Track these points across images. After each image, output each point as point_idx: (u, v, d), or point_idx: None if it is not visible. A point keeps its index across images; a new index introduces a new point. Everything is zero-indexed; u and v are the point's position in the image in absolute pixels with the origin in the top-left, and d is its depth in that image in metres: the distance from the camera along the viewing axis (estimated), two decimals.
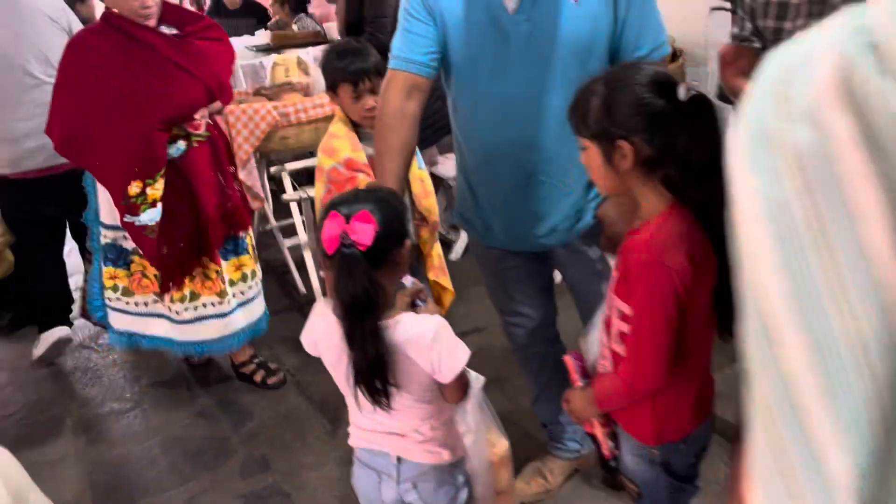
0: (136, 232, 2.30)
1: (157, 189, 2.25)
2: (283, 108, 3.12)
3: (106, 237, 2.47)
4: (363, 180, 1.95)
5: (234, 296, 2.52)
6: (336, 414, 2.50)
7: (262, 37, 4.44)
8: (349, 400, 1.42)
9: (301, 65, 3.90)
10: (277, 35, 4.23)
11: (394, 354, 1.27)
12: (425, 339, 1.28)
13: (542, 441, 2.10)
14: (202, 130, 2.37)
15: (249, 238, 2.59)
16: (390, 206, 1.29)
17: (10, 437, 2.54)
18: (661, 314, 1.11)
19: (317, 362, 2.75)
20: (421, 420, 1.38)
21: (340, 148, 2.00)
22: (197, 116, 2.34)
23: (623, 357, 1.21)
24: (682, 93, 1.10)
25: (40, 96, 2.66)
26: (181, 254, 2.38)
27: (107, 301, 2.54)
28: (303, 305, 3.36)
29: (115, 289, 2.51)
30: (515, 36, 1.48)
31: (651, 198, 1.17)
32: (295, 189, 3.20)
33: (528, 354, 1.93)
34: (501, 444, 1.51)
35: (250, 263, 2.57)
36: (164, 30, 2.30)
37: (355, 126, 2.05)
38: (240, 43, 4.32)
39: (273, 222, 3.44)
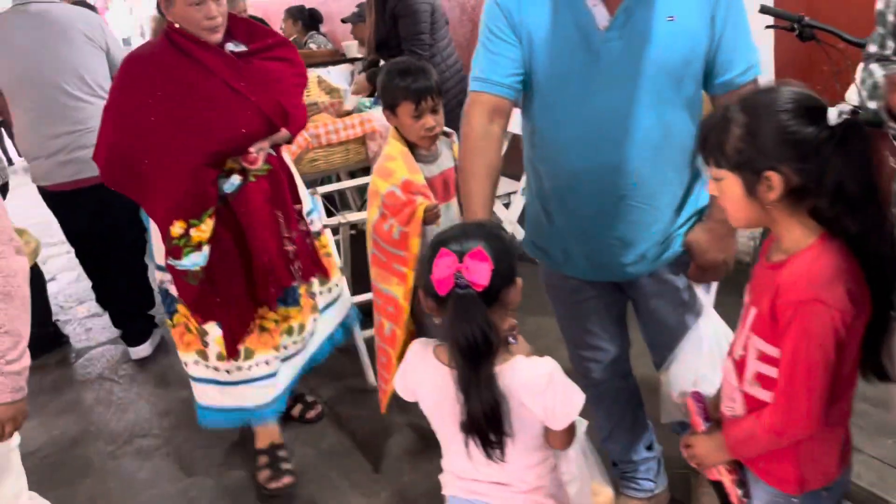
0: (177, 276, 2.00)
1: (203, 231, 1.93)
2: (314, 129, 3.03)
3: (156, 279, 2.19)
4: (422, 203, 1.86)
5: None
6: (381, 450, 2.39)
7: None
8: (449, 446, 1.31)
9: (322, 84, 3.82)
10: None
11: (508, 401, 1.17)
12: (540, 384, 1.19)
13: (612, 480, 1.99)
14: (260, 164, 2.03)
15: (304, 288, 2.21)
16: (502, 242, 1.20)
17: (36, 478, 2.37)
18: (819, 357, 1.02)
19: (354, 395, 2.70)
20: (527, 468, 1.28)
21: (396, 170, 1.91)
22: (252, 150, 1.99)
23: (762, 401, 1.12)
24: (833, 117, 1.02)
25: (75, 114, 2.82)
26: (239, 305, 2.06)
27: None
28: None
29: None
30: (606, 54, 1.41)
31: (796, 230, 1.08)
32: (332, 214, 3.10)
33: (602, 390, 1.83)
34: (605, 494, 1.42)
35: (299, 317, 2.19)
36: (232, 47, 2.01)
37: (411, 147, 1.97)
38: None
39: None
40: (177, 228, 1.92)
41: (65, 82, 2.79)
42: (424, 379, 1.28)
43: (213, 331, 2.07)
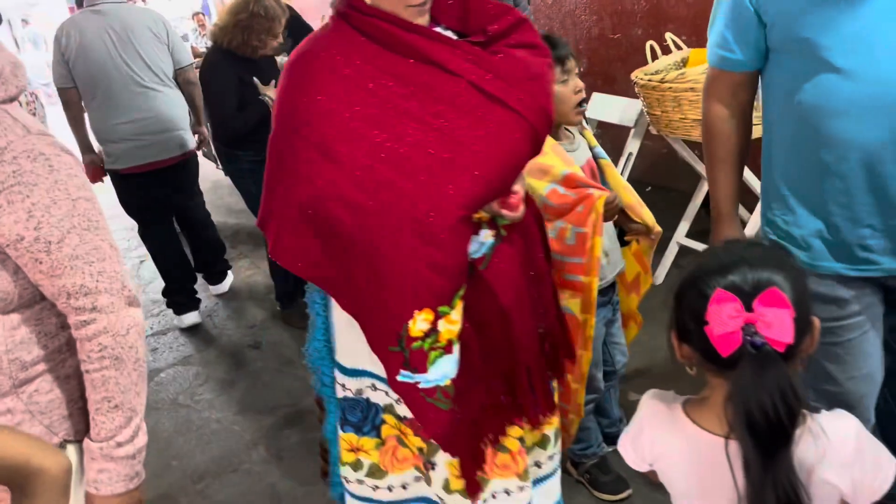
0: (417, 398, 1.28)
1: (453, 322, 1.24)
2: None
3: (346, 388, 1.50)
4: (600, 196, 1.58)
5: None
6: None
7: None
8: None
9: None
10: None
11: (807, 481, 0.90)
12: (846, 452, 0.92)
13: None
14: (522, 210, 1.34)
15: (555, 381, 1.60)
16: (795, 271, 0.91)
17: None
18: None
19: None
20: None
21: (552, 164, 1.63)
22: (517, 187, 1.32)
23: None
24: None
25: (144, 102, 3.12)
26: (488, 421, 1.41)
27: (343, 480, 1.60)
28: None
29: (356, 466, 1.54)
30: None
31: None
32: None
33: None
34: None
35: (554, 420, 1.57)
36: (441, 31, 1.31)
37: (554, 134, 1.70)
38: None
39: None
40: (420, 323, 1.22)
41: (135, 72, 3.07)
42: (673, 448, 1.01)
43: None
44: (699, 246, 3.03)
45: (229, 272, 3.85)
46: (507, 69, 1.26)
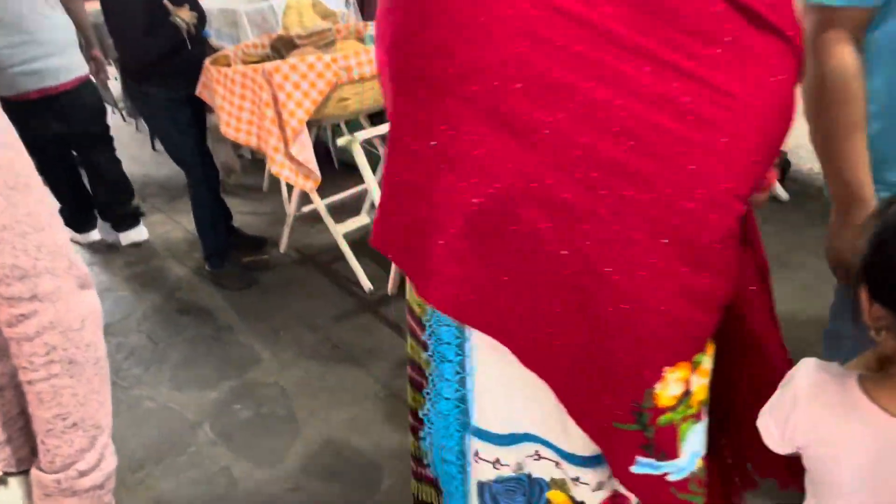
0: (666, 497, 0.89)
1: (705, 373, 0.88)
2: (344, 60, 2.45)
3: (502, 464, 1.00)
4: None
5: None
6: None
7: None
8: None
9: (317, 7, 3.23)
10: None
11: None
12: None
13: None
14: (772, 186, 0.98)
15: None
16: None
17: None
18: None
19: None
20: None
21: None
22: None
23: None
24: None
25: (31, 25, 2.86)
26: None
27: None
28: (373, 305, 2.76)
29: None
30: None
31: None
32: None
33: None
34: None
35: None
36: None
37: None
38: None
39: (318, 202, 2.79)
40: (673, 386, 0.83)
41: None
42: (847, 434, 0.81)
43: None
44: None
45: (141, 220, 3.52)
46: None
